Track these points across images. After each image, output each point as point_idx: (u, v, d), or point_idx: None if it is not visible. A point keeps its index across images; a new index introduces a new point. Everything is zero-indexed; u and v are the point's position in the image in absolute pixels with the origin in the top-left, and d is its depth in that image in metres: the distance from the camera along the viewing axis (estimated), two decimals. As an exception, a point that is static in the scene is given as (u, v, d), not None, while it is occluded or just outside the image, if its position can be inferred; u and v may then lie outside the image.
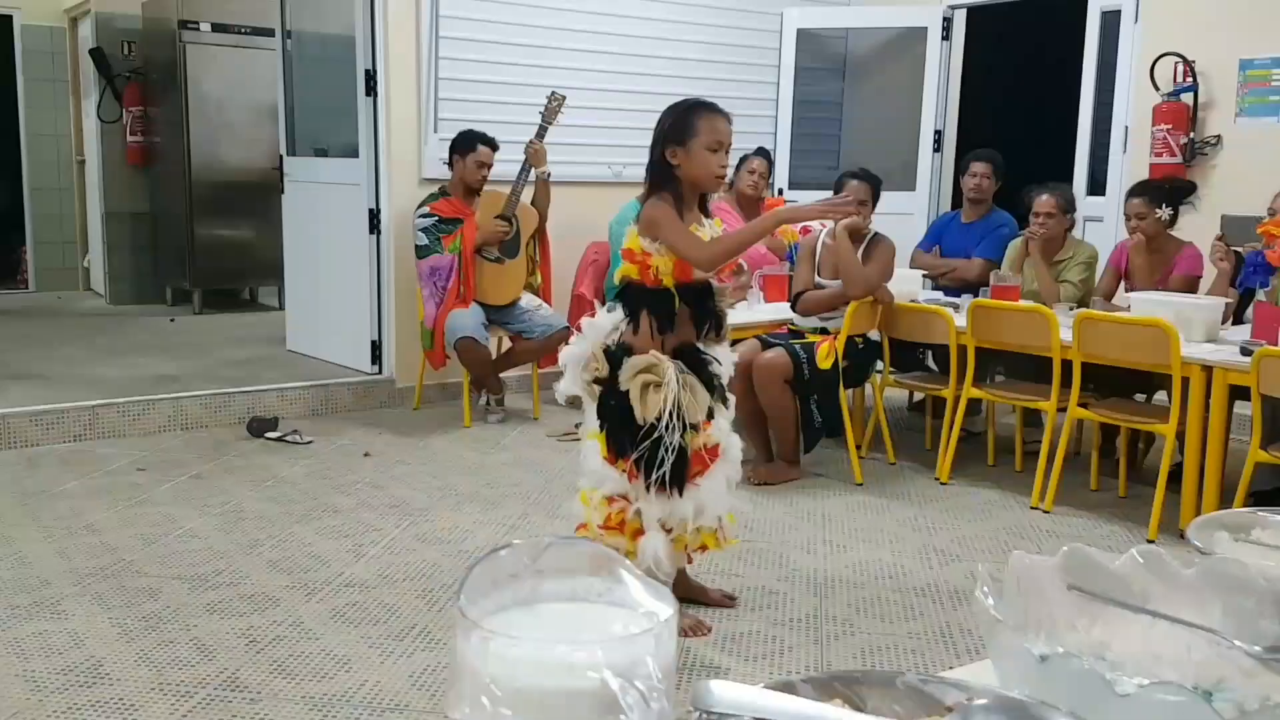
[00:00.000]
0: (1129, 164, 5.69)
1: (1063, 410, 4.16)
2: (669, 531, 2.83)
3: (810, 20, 6.79)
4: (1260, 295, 4.01)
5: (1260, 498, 3.87)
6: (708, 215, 2.94)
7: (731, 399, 2.99)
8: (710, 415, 2.85)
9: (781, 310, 4.65)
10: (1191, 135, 5.40)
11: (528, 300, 5.35)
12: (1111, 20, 5.81)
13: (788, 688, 0.73)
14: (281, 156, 6.33)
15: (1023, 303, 4.40)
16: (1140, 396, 4.57)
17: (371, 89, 5.52)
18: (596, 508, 2.86)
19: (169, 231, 8.03)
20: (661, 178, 2.86)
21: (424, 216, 5.17)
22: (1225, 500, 3.72)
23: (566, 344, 5.43)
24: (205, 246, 7.78)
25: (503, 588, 0.79)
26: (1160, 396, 4.51)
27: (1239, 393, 3.74)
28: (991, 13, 6.72)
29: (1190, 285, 4.44)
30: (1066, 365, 4.08)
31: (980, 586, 0.87)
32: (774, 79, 6.77)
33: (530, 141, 5.22)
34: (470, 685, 0.71)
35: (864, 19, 6.95)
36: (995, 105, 7.11)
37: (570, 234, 5.78)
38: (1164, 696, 0.74)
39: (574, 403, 3.05)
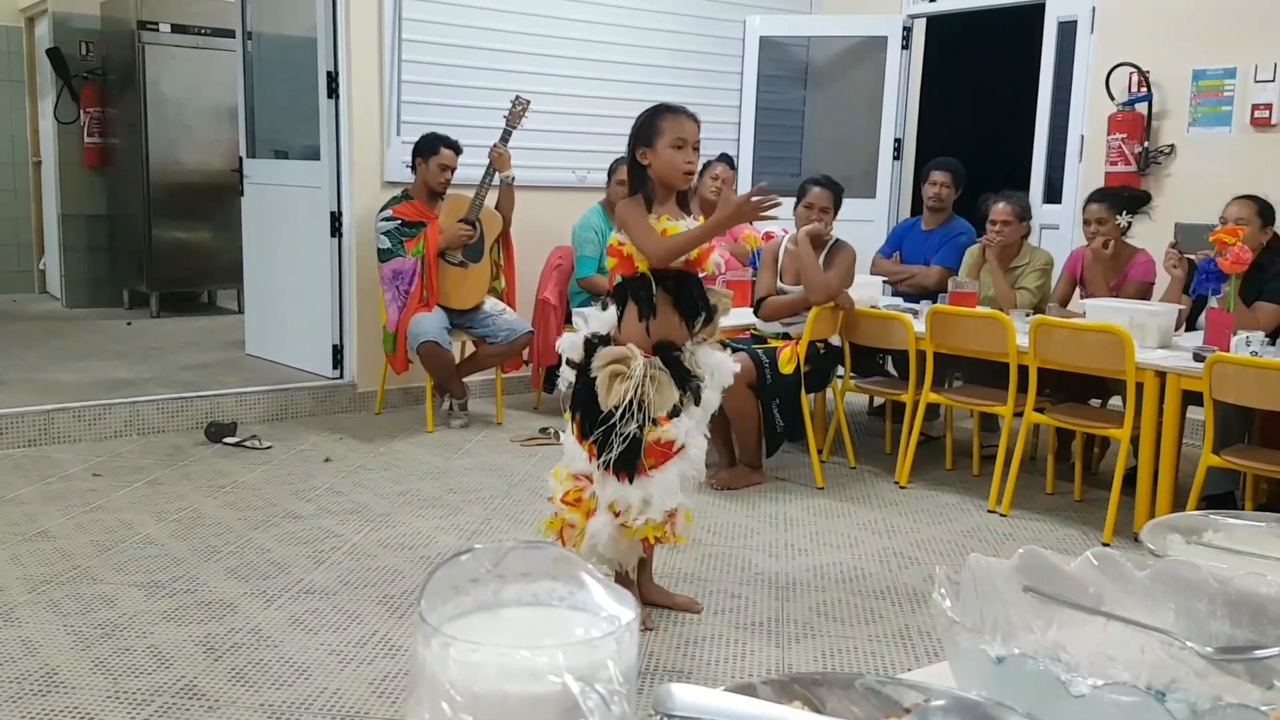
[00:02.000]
0: (1085, 172, 5.77)
1: (1019, 415, 4.21)
2: (617, 515, 2.91)
3: (772, 28, 6.83)
4: (1212, 302, 4.08)
5: (1212, 501, 3.93)
6: (688, 213, 3.05)
7: (712, 399, 3.04)
8: (676, 414, 2.92)
9: (744, 315, 4.66)
10: (1146, 144, 5.49)
11: (491, 305, 5.33)
12: (1068, 30, 5.89)
13: (748, 690, 0.74)
14: (241, 158, 6.27)
15: (980, 309, 4.45)
16: (1095, 402, 4.64)
17: (333, 91, 5.48)
18: (562, 482, 3.01)
19: (126, 234, 7.93)
20: (636, 179, 3.01)
21: (386, 220, 5.14)
22: (1178, 504, 3.78)
23: (531, 348, 5.48)
24: (163, 249, 7.68)
25: (464, 592, 0.79)
26: (1115, 402, 4.57)
27: (1192, 398, 3.80)
28: (951, 22, 6.80)
29: (1144, 292, 4.51)
30: (1023, 370, 4.13)
31: (938, 589, 0.88)
32: (737, 86, 6.80)
33: (494, 146, 5.21)
34: (430, 691, 0.71)
35: (825, 28, 7.00)
36: (954, 113, 7.18)
37: (534, 238, 5.77)
38: (1118, 697, 0.75)
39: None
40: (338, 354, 5.68)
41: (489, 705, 0.69)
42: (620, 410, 2.84)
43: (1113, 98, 5.58)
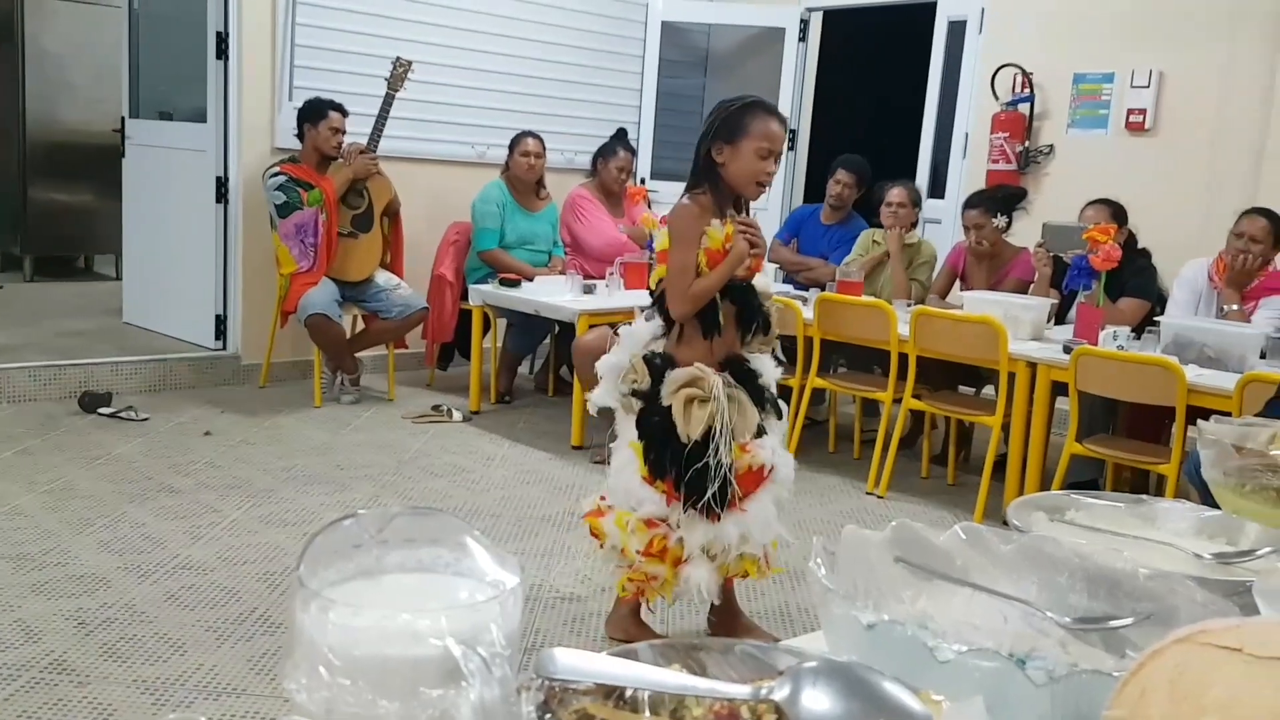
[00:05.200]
0: (968, 169, 5.94)
1: (899, 401, 4.33)
2: (713, 558, 2.65)
3: (674, 13, 6.85)
4: (1082, 297, 4.25)
5: (1077, 488, 4.08)
6: (740, 212, 2.76)
7: (787, 413, 2.80)
8: (760, 433, 2.66)
9: (641, 298, 4.67)
10: (1026, 144, 5.68)
11: (385, 279, 5.24)
12: (957, 30, 6.06)
13: (629, 654, 0.75)
14: (123, 118, 6.04)
15: (865, 298, 4.56)
16: (969, 390, 4.81)
17: (222, 52, 5.31)
18: (634, 532, 2.65)
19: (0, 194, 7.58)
20: (704, 173, 2.68)
21: (275, 176, 4.99)
22: (1045, 489, 3.92)
23: (425, 325, 5.38)
24: (39, 210, 7.36)
25: (346, 558, 0.78)
26: (988, 391, 4.74)
27: (1061, 388, 3.96)
28: (848, 18, 6.91)
29: (1023, 289, 4.67)
30: (904, 358, 4.25)
31: (814, 558, 0.91)
32: (638, 69, 6.81)
33: (352, 145, 5.08)
34: (307, 655, 0.70)
35: (726, 15, 7.05)
36: (848, 107, 7.32)
37: (432, 213, 5.69)
38: (980, 662, 0.79)
39: (604, 414, 2.82)
40: (221, 324, 5.53)
41: (369, 669, 0.68)
42: (711, 440, 2.51)
43: (997, 97, 5.76)
